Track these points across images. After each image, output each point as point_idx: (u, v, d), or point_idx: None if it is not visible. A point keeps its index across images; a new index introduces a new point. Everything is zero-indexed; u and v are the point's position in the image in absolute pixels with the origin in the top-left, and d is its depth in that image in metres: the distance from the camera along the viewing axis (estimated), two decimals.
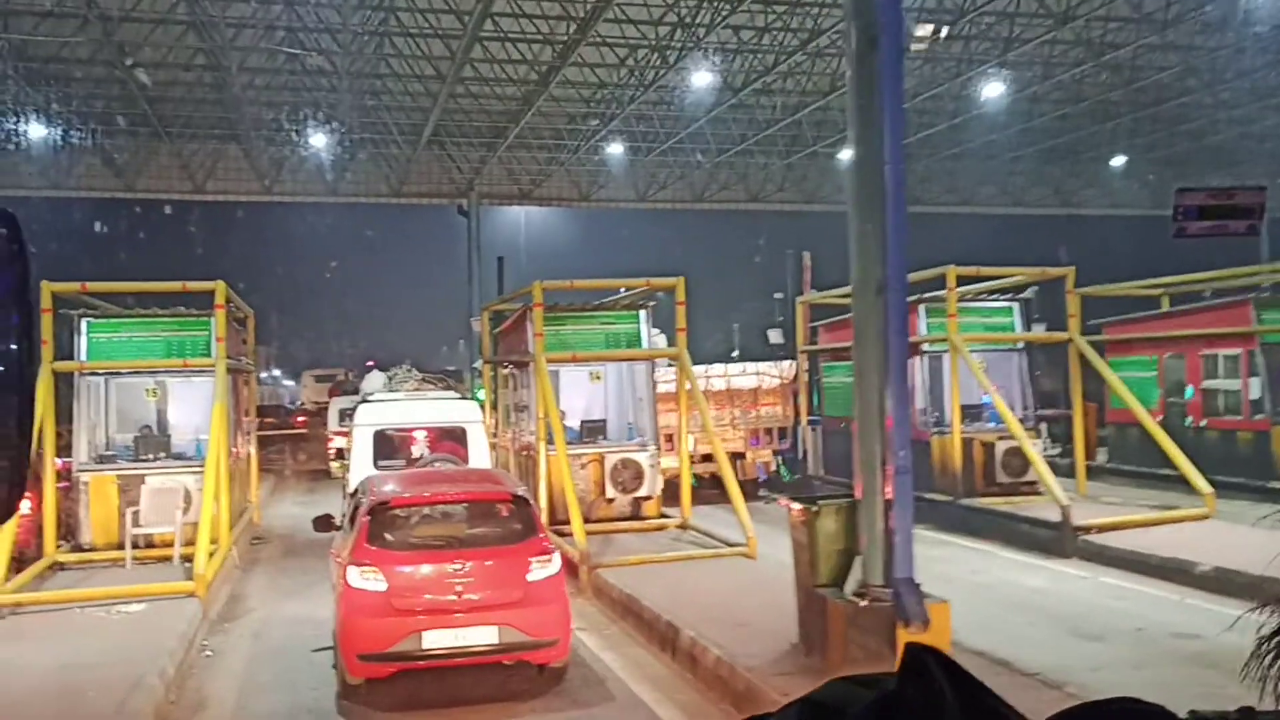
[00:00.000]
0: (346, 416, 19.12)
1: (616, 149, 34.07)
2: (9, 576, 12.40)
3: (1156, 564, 13.37)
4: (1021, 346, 19.87)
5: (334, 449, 26.16)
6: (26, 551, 13.78)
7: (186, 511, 14.36)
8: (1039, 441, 19.32)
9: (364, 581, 8.80)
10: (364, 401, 16.44)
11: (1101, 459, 22.56)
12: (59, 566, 14.07)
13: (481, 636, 8.77)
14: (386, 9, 23.63)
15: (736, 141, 33.19)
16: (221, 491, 14.40)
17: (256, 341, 22.56)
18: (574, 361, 17.05)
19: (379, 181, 35.68)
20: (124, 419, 16.70)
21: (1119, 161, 37.47)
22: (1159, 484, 18.57)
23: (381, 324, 73.17)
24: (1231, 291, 20.24)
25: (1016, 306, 19.85)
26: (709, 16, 22.82)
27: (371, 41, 25.27)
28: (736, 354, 34.82)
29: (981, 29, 24.75)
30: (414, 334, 65.33)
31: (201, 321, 15.92)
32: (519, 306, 18.87)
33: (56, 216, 35.56)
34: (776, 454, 23.37)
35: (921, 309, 18.94)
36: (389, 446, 15.24)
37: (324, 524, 10.98)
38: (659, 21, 24.14)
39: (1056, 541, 14.98)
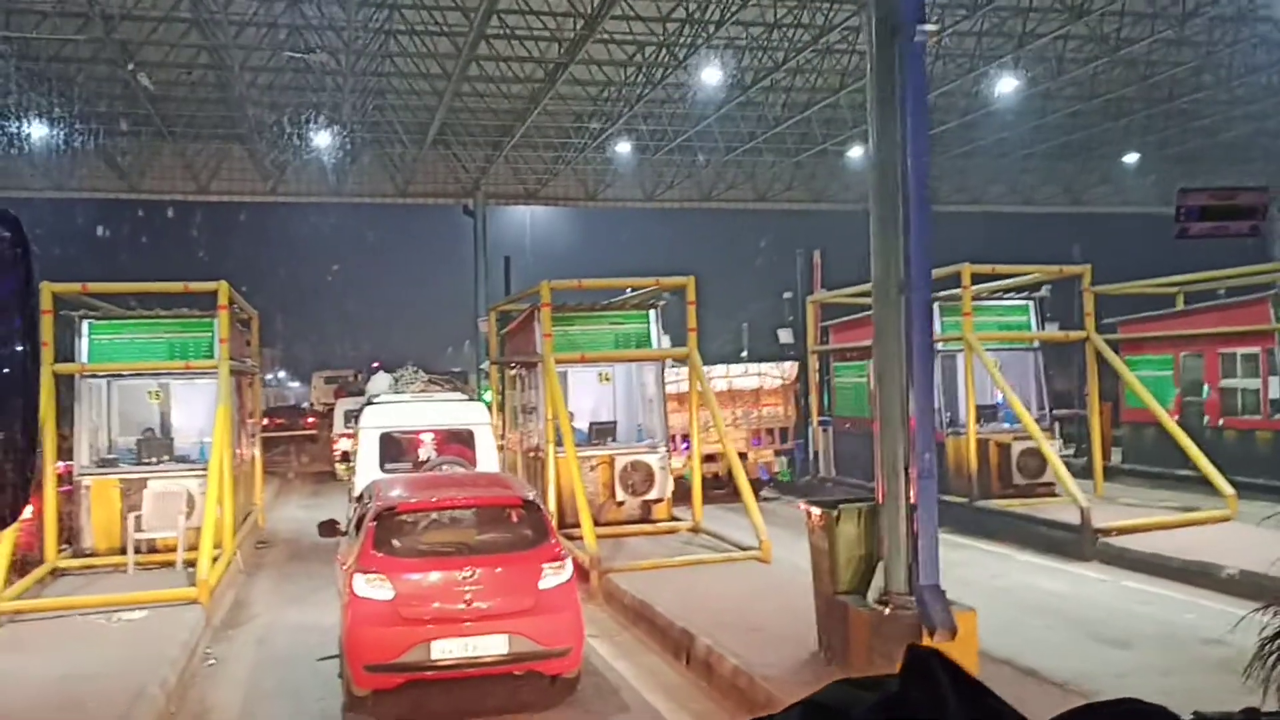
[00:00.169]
0: (352, 418, 18.84)
1: (623, 148, 33.83)
2: (9, 582, 12.18)
3: (1179, 567, 13.10)
4: (1037, 346, 19.61)
5: (339, 451, 25.93)
6: (29, 556, 13.54)
7: (190, 516, 14.13)
8: (1054, 442, 19.05)
9: (370, 590, 8.53)
10: (370, 403, 16.15)
11: (1115, 459, 22.29)
12: (60, 572, 13.85)
13: (492, 646, 8.49)
14: (391, 6, 23.38)
15: (745, 140, 32.92)
16: (225, 495, 14.13)
17: (261, 343, 22.33)
18: (583, 362, 16.83)
19: (384, 181, 35.45)
20: (126, 422, 16.47)
21: (1131, 158, 37.11)
22: (1175, 485, 18.42)
23: (386, 325, 73.15)
24: (1248, 289, 19.95)
25: (1032, 305, 19.57)
26: (719, 12, 22.53)
27: (376, 39, 25.02)
28: (745, 354, 34.55)
29: (994, 23, 24.46)
30: (419, 335, 65.29)
31: (204, 322, 15.70)
32: (526, 307, 18.63)
33: (59, 218, 35.40)
34: (778, 454, 23.30)
35: (936, 307, 18.63)
36: (395, 449, 14.98)
37: (329, 529, 10.66)
38: (667, 18, 23.88)
39: (1076, 544, 14.71)
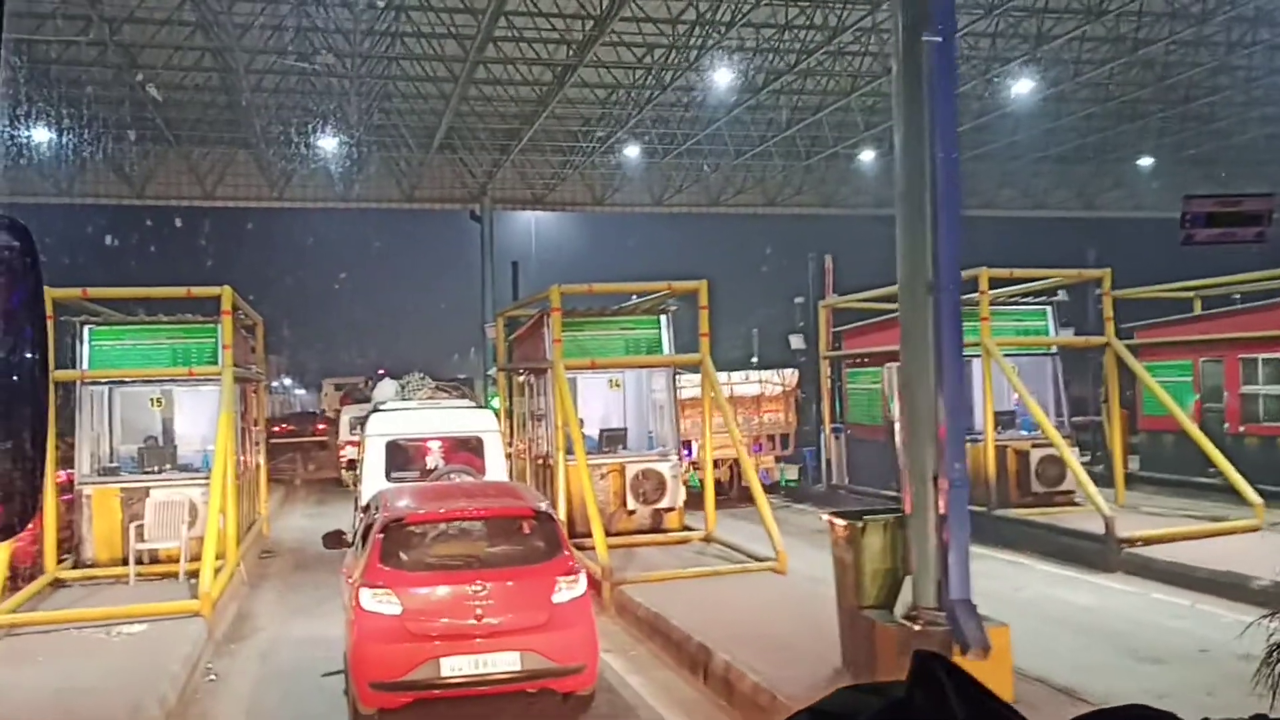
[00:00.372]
0: (359, 425, 18.53)
1: (632, 152, 33.54)
2: (7, 594, 11.88)
3: (1206, 577, 12.70)
4: (1055, 351, 19.25)
5: (346, 459, 25.62)
6: (20, 570, 13.20)
7: (192, 525, 13.83)
8: (1073, 450, 18.68)
9: (377, 604, 8.19)
10: (376, 410, 15.83)
11: (1133, 467, 21.90)
12: (59, 583, 13.55)
13: (503, 663, 8.15)
14: (398, 7, 23.11)
15: (755, 143, 32.61)
16: (228, 504, 13.84)
17: (267, 350, 22.03)
18: (593, 368, 16.50)
19: (390, 186, 35.22)
20: (128, 429, 16.14)
21: (1146, 162, 36.72)
22: (1195, 492, 18.12)
23: (392, 331, 72.89)
24: (1262, 295, 19.58)
25: (1050, 310, 19.21)
26: (729, 14, 22.24)
27: (383, 42, 24.76)
28: (756, 360, 34.20)
29: (1010, 24, 24.12)
30: (425, 341, 64.99)
31: (207, 328, 15.43)
32: (535, 312, 18.32)
33: (65, 224, 35.13)
34: (779, 460, 23.23)
35: None
36: (402, 457, 14.65)
37: (335, 540, 10.31)
38: (677, 19, 23.57)
39: (1100, 554, 14.32)
